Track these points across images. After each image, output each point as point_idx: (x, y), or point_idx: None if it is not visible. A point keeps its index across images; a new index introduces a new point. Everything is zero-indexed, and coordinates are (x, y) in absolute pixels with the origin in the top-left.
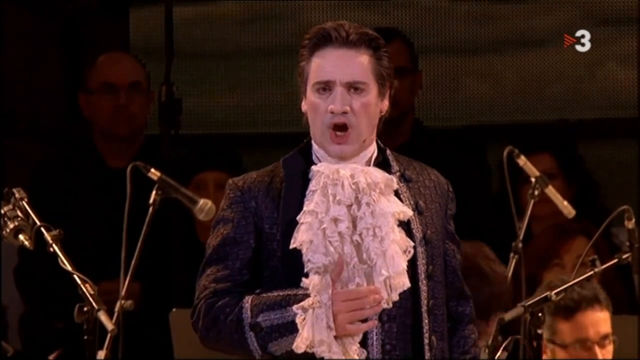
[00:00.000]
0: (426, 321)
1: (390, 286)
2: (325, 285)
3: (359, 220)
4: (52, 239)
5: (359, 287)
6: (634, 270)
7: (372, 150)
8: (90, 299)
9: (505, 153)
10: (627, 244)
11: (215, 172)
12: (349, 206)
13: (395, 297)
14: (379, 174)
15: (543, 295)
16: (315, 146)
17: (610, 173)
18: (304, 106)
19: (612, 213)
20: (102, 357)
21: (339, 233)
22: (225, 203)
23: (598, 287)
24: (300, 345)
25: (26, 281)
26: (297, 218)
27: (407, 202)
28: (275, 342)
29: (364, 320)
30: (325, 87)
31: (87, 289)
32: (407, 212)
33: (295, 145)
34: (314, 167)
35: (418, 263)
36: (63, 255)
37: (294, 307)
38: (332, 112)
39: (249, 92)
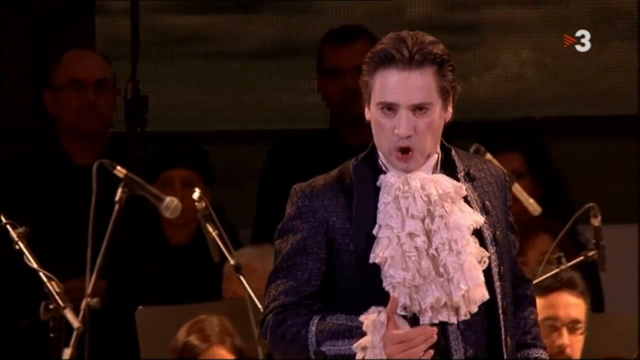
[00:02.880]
0: (503, 323)
1: (468, 299)
2: (379, 325)
3: (434, 234)
4: (17, 237)
5: (408, 330)
6: (600, 268)
7: (437, 154)
8: (56, 296)
9: (471, 150)
10: (593, 241)
11: (181, 169)
12: (423, 219)
13: (474, 309)
14: (448, 183)
15: None
16: (380, 153)
17: (577, 170)
18: (368, 115)
19: (578, 211)
20: (68, 355)
21: (416, 248)
22: (292, 210)
23: (577, 276)
24: None
25: None
26: (374, 232)
27: (475, 204)
28: None
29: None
30: (390, 107)
31: (53, 287)
32: (479, 220)
33: (261, 142)
34: (383, 177)
35: (492, 266)
36: (29, 252)
37: (354, 346)
38: (397, 135)
39: (215, 90)
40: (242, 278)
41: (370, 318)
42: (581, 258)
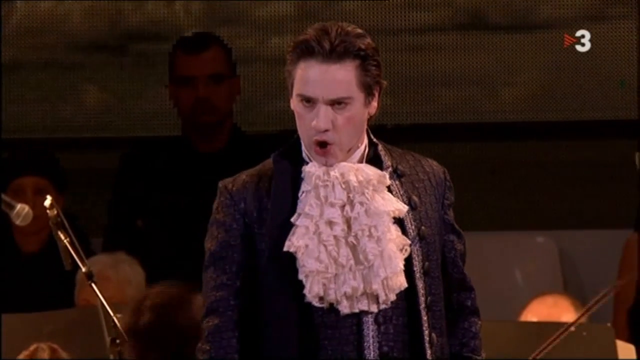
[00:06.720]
0: (425, 319)
1: (387, 287)
2: None
3: (354, 221)
4: None
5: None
6: None
7: (363, 148)
8: None
9: None
10: None
11: (33, 177)
12: (342, 207)
13: (393, 297)
14: (370, 171)
15: None
16: (304, 145)
17: None
18: (292, 104)
19: None
20: None
21: (334, 236)
22: (216, 206)
23: None
24: None
25: None
26: (292, 220)
27: (400, 198)
28: None
29: None
30: (309, 100)
31: None
32: (401, 209)
33: (113, 149)
34: (305, 168)
35: (414, 261)
36: None
37: None
38: (314, 129)
39: (66, 97)
40: (94, 286)
41: None
42: None
